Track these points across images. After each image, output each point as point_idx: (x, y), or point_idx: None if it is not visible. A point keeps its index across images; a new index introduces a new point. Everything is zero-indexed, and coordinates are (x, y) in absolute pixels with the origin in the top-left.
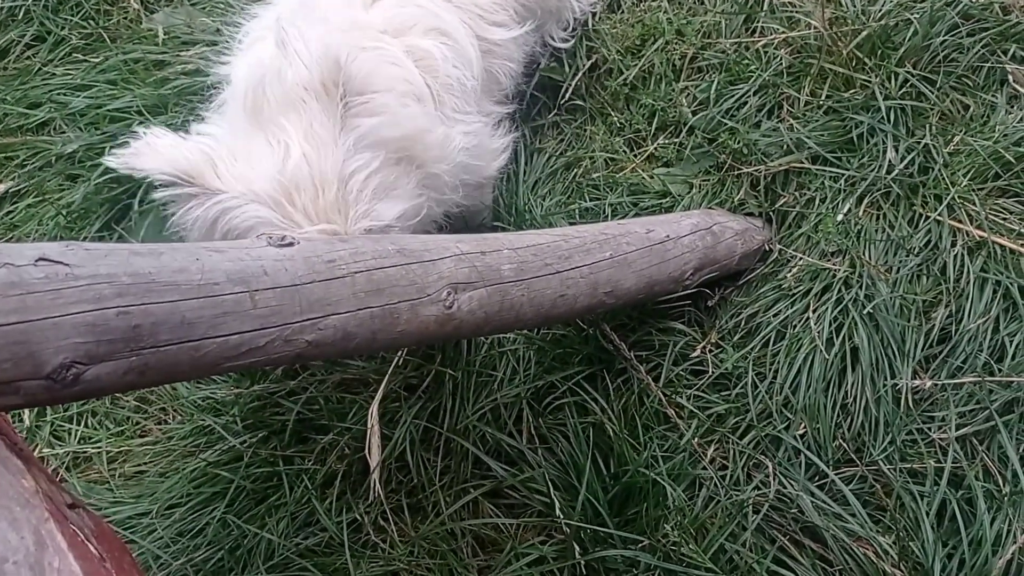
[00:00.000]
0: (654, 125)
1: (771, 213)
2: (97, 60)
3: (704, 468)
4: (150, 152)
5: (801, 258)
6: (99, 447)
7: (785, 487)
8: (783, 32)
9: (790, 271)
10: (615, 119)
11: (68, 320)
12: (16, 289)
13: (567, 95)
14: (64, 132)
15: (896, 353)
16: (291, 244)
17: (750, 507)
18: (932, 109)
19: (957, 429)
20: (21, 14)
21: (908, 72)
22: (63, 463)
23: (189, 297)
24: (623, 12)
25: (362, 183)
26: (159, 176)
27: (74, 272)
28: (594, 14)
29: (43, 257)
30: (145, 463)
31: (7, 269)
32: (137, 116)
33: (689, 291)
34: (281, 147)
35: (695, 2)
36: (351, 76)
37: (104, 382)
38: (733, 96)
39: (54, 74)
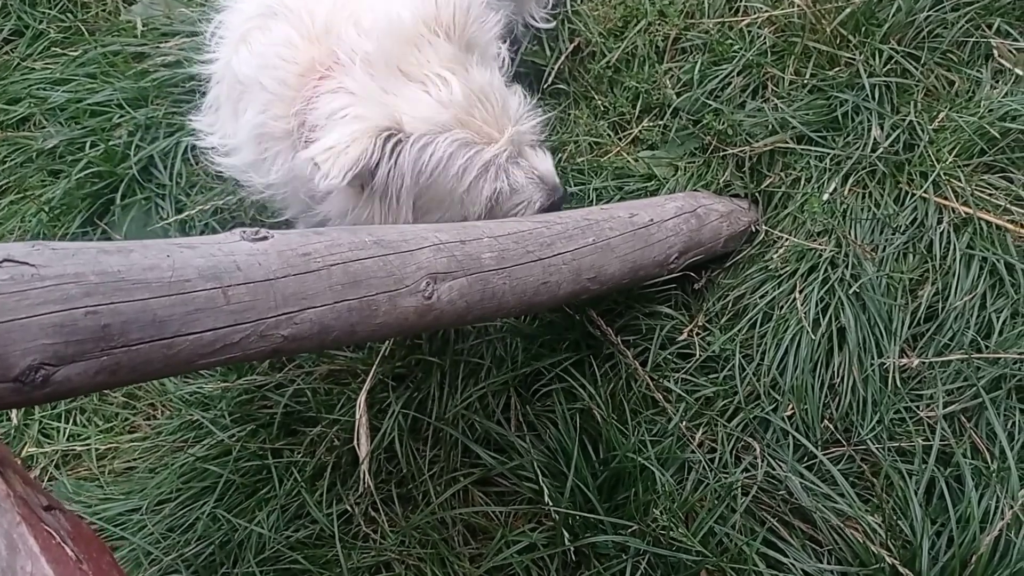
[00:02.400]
0: (638, 108)
1: (757, 194)
2: (76, 54)
3: (693, 452)
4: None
5: (787, 239)
6: (88, 444)
7: (774, 469)
8: (766, 11)
9: (776, 252)
10: (599, 102)
11: (35, 321)
12: None
13: (550, 79)
14: (44, 127)
15: (883, 332)
16: (265, 238)
17: (739, 489)
18: (917, 86)
19: (945, 407)
20: None
21: (892, 49)
22: (52, 461)
23: (160, 295)
24: None
25: (504, 89)
26: (364, 160)
27: (40, 273)
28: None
29: (8, 258)
30: (134, 459)
31: None
32: (118, 109)
33: (675, 275)
34: (433, 80)
35: None
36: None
37: (75, 383)
38: (717, 77)
39: (33, 69)
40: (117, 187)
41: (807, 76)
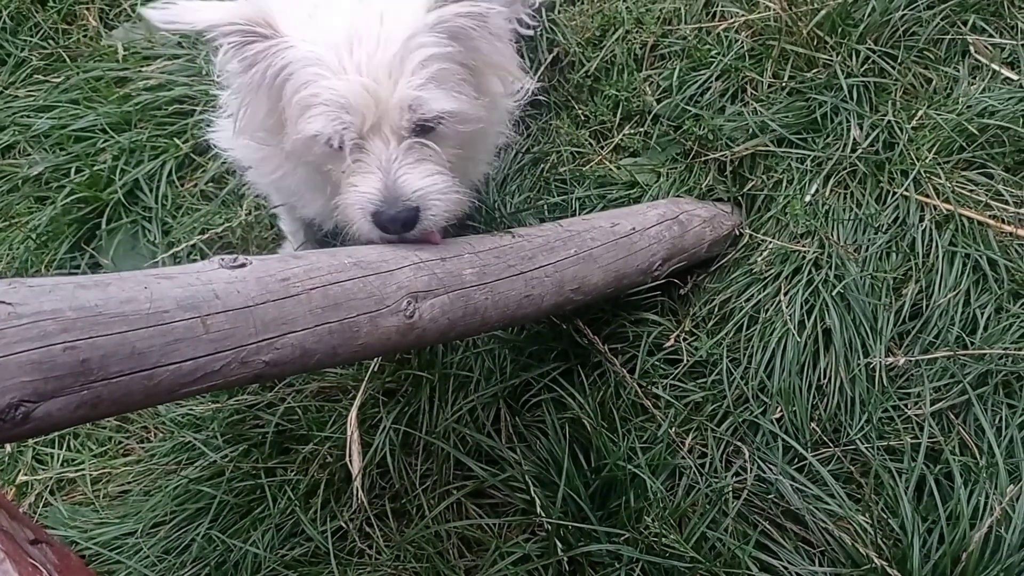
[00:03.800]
0: (619, 116)
1: (740, 197)
2: (59, 80)
3: (683, 457)
4: (200, 8)
5: (771, 241)
6: (82, 469)
7: (764, 472)
8: (743, 15)
9: (760, 255)
10: (579, 111)
11: (12, 360)
12: None
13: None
14: (29, 154)
15: (868, 332)
16: (243, 265)
17: (730, 494)
18: (895, 84)
19: (932, 404)
20: None
21: (869, 49)
22: (47, 487)
23: (138, 327)
24: (582, 3)
25: (425, 58)
26: (224, 26)
27: (17, 311)
28: (554, 5)
29: None
30: (128, 482)
31: None
32: (102, 134)
33: (660, 281)
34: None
35: None
36: None
37: (56, 418)
38: (696, 82)
39: (16, 96)
40: (103, 212)
41: (785, 79)
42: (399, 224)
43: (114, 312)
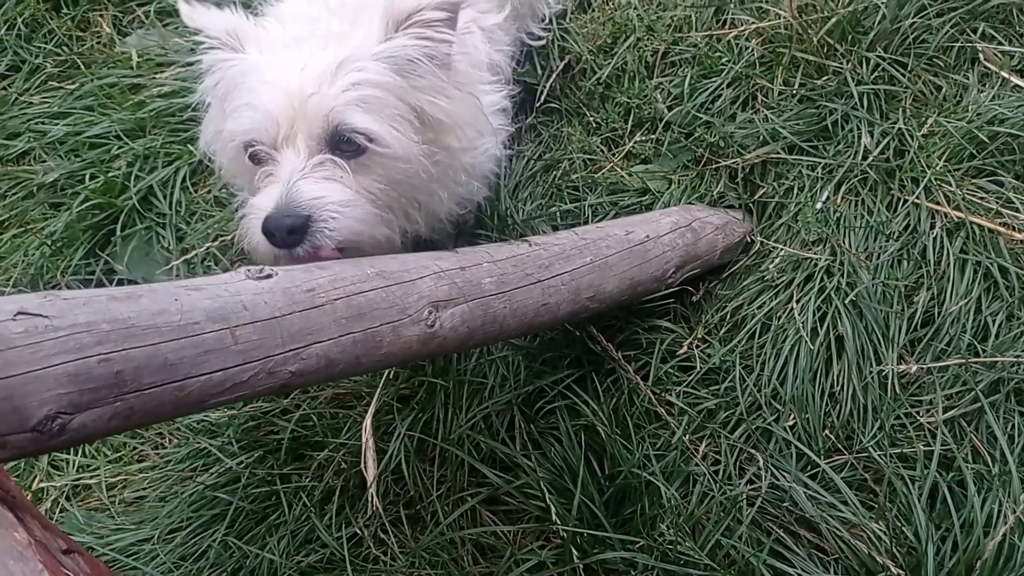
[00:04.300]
0: (630, 123)
1: (751, 204)
2: (73, 87)
3: (697, 464)
4: (209, 14)
5: (782, 248)
6: (97, 475)
7: (778, 479)
8: (753, 23)
9: (772, 262)
10: (591, 119)
11: (50, 372)
12: None
13: (542, 97)
14: (44, 161)
15: (881, 339)
16: (269, 276)
17: (744, 501)
18: (905, 92)
19: (944, 412)
20: None
21: (879, 56)
22: (63, 493)
23: (170, 339)
24: (593, 11)
25: (359, 81)
26: (206, 31)
27: (53, 323)
28: (566, 12)
29: (22, 311)
30: (144, 489)
31: None
32: (116, 141)
33: (673, 289)
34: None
35: None
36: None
37: (90, 429)
38: (707, 90)
39: (31, 103)
40: (118, 218)
41: (796, 86)
42: (284, 231)
43: (146, 324)
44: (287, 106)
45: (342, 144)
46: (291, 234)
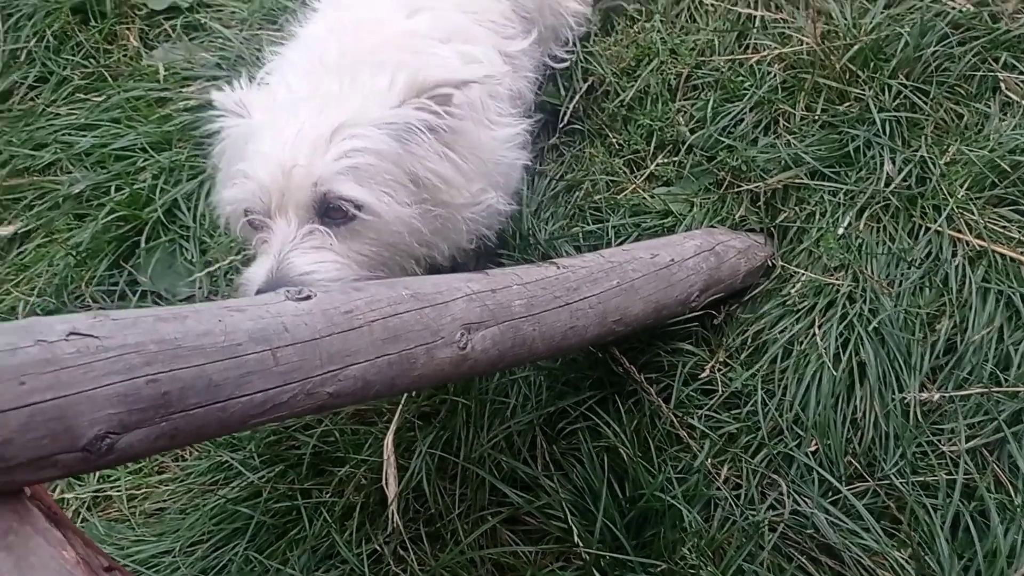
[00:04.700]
0: (652, 145)
1: (772, 228)
2: (100, 99)
3: (718, 488)
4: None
5: (804, 273)
6: (119, 486)
7: (799, 505)
8: (776, 48)
9: (794, 287)
10: (614, 140)
11: (101, 392)
12: (50, 366)
13: (566, 118)
14: (71, 172)
15: (903, 367)
16: (308, 297)
17: (766, 526)
18: (927, 120)
19: (967, 441)
20: (24, 56)
21: (901, 84)
22: (84, 503)
23: (214, 360)
24: (617, 34)
25: (351, 150)
26: (220, 103)
27: (104, 344)
28: (589, 35)
29: (74, 331)
30: (165, 500)
31: (40, 346)
32: (142, 154)
33: (696, 313)
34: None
35: (688, 21)
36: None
37: (136, 449)
38: (729, 113)
39: (58, 114)
40: (142, 230)
41: (818, 112)
42: None
43: (192, 345)
44: (278, 176)
45: (331, 211)
46: None
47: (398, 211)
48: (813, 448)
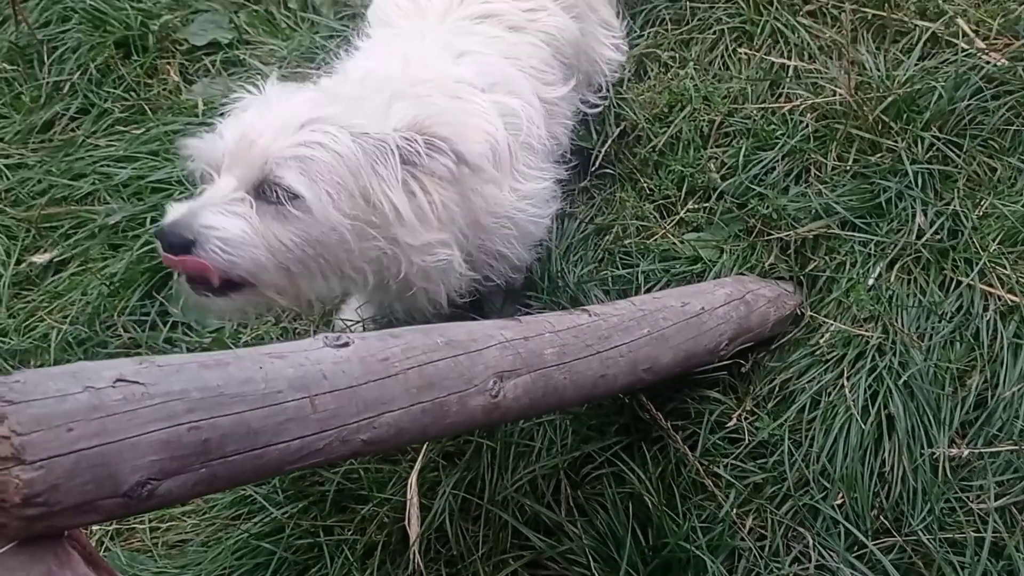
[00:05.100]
0: (683, 190)
1: (802, 277)
2: (139, 131)
3: (743, 539)
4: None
5: (833, 324)
6: (142, 517)
7: (825, 559)
8: (809, 98)
9: (822, 337)
10: (644, 185)
11: (144, 439)
12: (97, 412)
13: (597, 162)
14: (108, 203)
15: (932, 421)
16: (347, 344)
17: None
18: (959, 172)
19: (996, 499)
20: (67, 88)
21: (934, 136)
22: (107, 533)
23: (254, 407)
24: (650, 80)
25: (312, 142)
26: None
27: (149, 391)
28: (622, 80)
29: (121, 378)
30: (187, 532)
31: (88, 393)
32: (177, 186)
33: (725, 362)
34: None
35: (721, 68)
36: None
37: (175, 494)
38: (761, 161)
39: (98, 146)
40: None
41: (850, 162)
42: (166, 243)
43: (234, 392)
44: (240, 143)
45: (267, 190)
46: (171, 248)
47: (330, 213)
48: (840, 501)
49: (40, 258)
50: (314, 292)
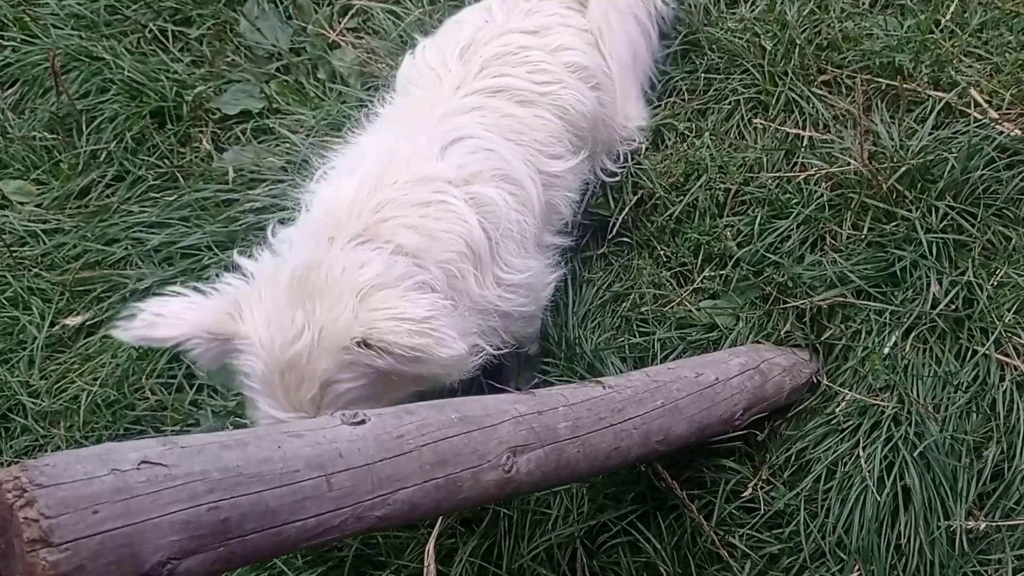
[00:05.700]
0: (700, 258)
1: (817, 345)
2: (171, 198)
3: None
4: (167, 320)
5: (849, 393)
6: None
7: None
8: (823, 167)
9: (838, 406)
10: (661, 252)
11: (166, 519)
12: (122, 494)
13: (614, 230)
14: (139, 267)
15: (948, 493)
16: (363, 422)
17: None
18: (974, 242)
19: (1014, 572)
20: (103, 156)
21: (948, 205)
22: None
23: (272, 486)
24: (667, 149)
25: (342, 392)
26: (188, 342)
27: (172, 472)
28: (640, 149)
29: (145, 460)
30: None
31: (114, 475)
32: (207, 252)
33: (740, 432)
34: (296, 327)
35: (737, 138)
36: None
37: (194, 573)
38: (776, 230)
39: (131, 212)
40: None
41: (864, 231)
42: None
43: (252, 472)
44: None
45: None
46: None
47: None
48: (856, 574)
49: (73, 321)
50: None
